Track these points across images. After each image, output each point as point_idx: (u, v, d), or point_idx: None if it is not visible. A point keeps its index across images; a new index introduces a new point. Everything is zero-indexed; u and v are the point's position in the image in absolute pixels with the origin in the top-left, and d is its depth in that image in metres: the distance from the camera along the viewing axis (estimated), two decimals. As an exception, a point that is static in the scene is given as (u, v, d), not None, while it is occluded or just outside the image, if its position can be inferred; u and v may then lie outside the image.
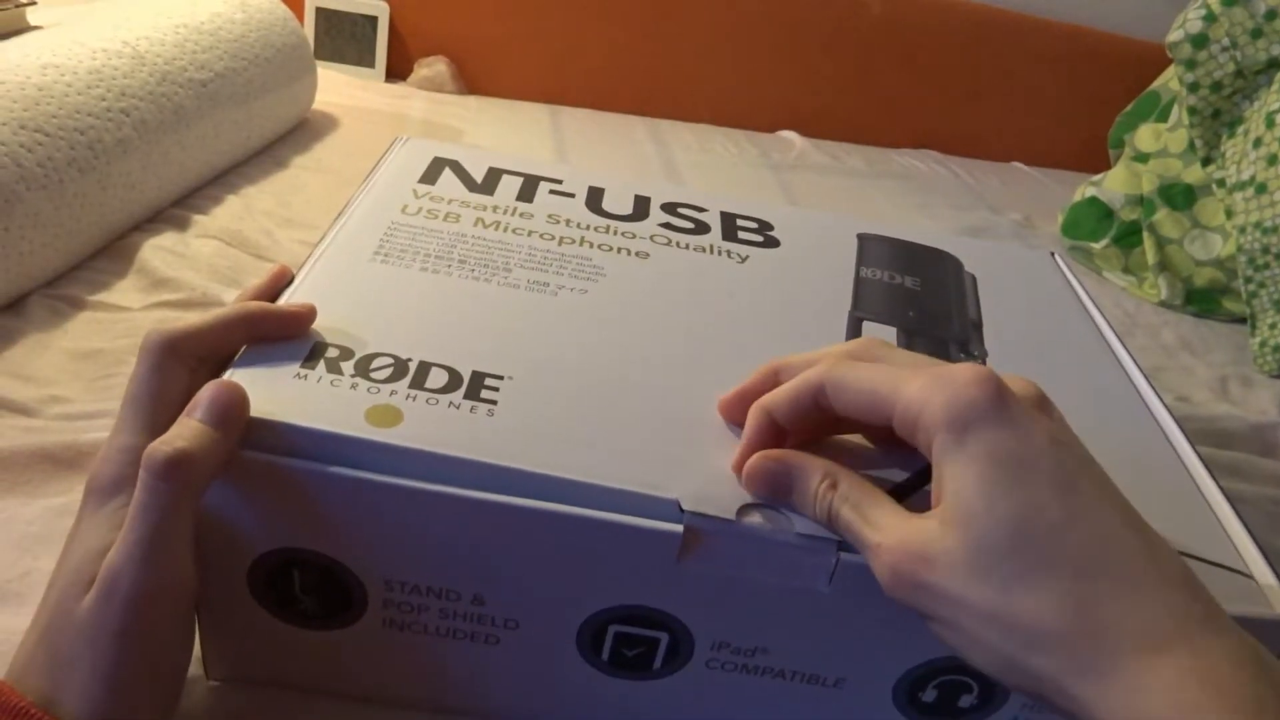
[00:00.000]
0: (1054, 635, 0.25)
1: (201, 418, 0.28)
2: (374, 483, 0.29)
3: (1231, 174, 0.87)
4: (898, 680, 0.34)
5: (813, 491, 0.30)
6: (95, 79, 0.63)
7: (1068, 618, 0.25)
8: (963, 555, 0.26)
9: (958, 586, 0.26)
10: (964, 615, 0.26)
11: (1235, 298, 0.89)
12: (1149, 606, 0.25)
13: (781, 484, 0.30)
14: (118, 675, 0.27)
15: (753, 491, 0.31)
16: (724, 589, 0.31)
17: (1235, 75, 0.89)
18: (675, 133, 1.15)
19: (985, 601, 0.25)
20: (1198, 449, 0.38)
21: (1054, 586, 0.25)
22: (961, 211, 1.05)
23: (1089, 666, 0.24)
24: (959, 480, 0.26)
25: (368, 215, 0.43)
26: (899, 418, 0.28)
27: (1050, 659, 0.25)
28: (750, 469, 0.31)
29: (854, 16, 1.22)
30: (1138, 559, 0.25)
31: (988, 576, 0.25)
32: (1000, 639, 0.25)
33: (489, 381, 0.33)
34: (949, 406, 0.27)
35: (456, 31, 1.16)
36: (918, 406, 0.28)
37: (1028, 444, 0.26)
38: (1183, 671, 0.23)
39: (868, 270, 0.47)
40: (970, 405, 0.27)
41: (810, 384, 0.30)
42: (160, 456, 0.27)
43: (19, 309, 0.56)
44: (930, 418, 0.27)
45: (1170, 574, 0.26)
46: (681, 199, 0.51)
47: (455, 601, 0.32)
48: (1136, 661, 0.24)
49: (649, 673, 0.34)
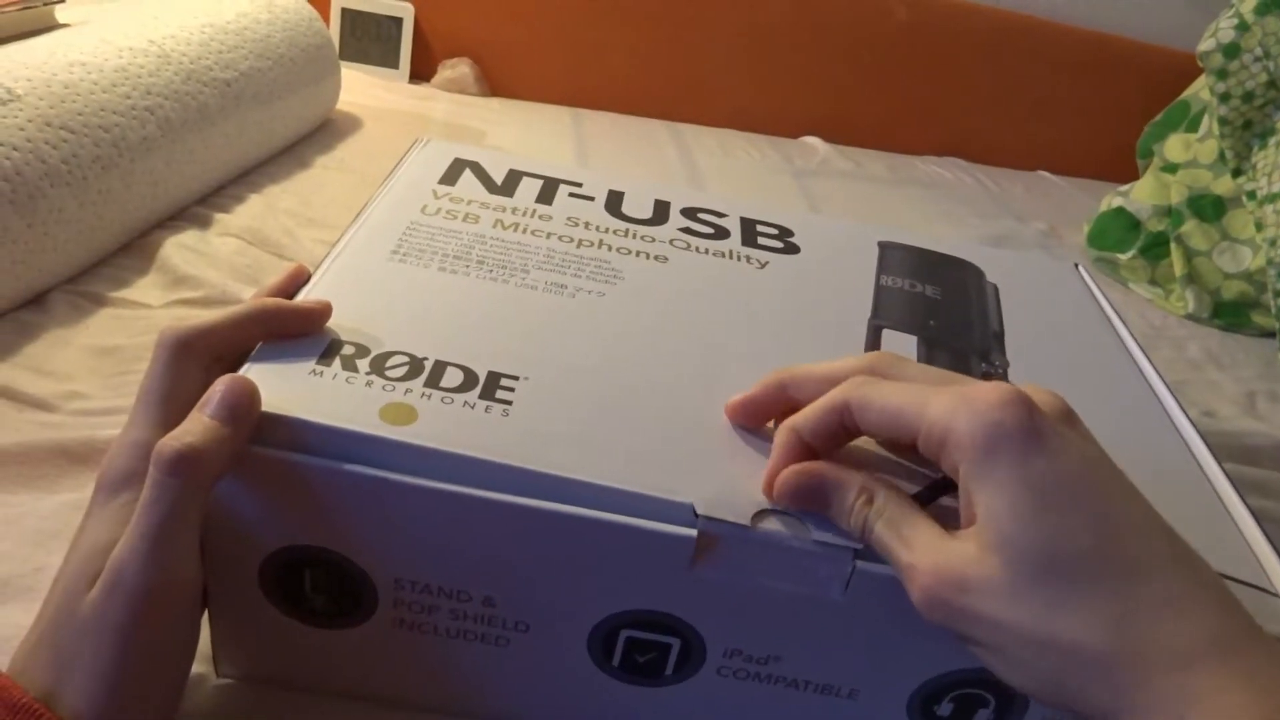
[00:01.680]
0: (1095, 656, 0.25)
1: (212, 413, 0.28)
2: (387, 481, 0.29)
3: (1262, 186, 0.86)
4: (913, 693, 0.33)
5: (849, 506, 0.29)
6: (121, 77, 0.63)
7: (1108, 638, 0.25)
8: (1001, 580, 0.26)
9: (996, 610, 0.26)
10: (1004, 639, 0.26)
11: (1264, 312, 0.88)
12: (1189, 620, 0.25)
13: (818, 497, 0.30)
14: (119, 671, 0.27)
15: (785, 506, 0.30)
16: (737, 595, 0.31)
17: (1268, 85, 0.88)
18: (698, 137, 1.15)
19: (1025, 625, 0.25)
20: (1224, 465, 0.38)
21: (1094, 607, 0.25)
22: (986, 220, 1.04)
23: (1133, 684, 0.24)
24: (993, 505, 0.26)
25: (387, 215, 0.43)
26: (924, 438, 0.28)
27: (1093, 680, 0.25)
28: (783, 482, 0.30)
29: (879, 22, 1.21)
30: (1174, 574, 0.26)
31: (1026, 600, 0.25)
32: (1042, 662, 0.26)
33: (504, 382, 0.33)
34: (977, 429, 0.27)
35: (481, 34, 1.17)
36: (943, 427, 0.27)
37: (1060, 467, 0.26)
38: (1227, 678, 0.23)
39: (888, 278, 0.46)
40: (999, 428, 0.27)
41: (836, 404, 0.30)
42: (169, 452, 0.27)
43: (41, 304, 0.56)
44: (957, 440, 0.27)
45: (1206, 585, 0.26)
46: (701, 204, 0.50)
47: (466, 602, 0.32)
48: (1181, 675, 0.24)
49: (660, 679, 0.33)
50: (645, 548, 0.30)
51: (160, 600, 0.27)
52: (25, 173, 0.53)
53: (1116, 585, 0.25)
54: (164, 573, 0.27)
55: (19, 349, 0.52)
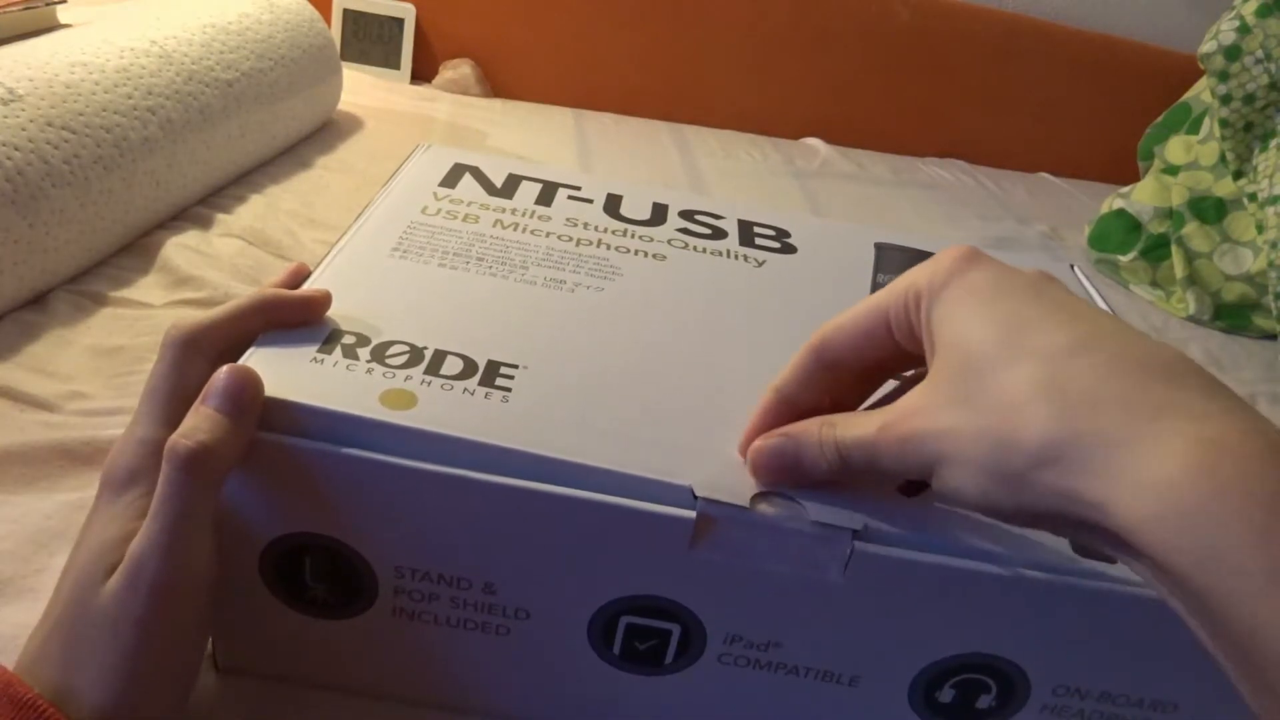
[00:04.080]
0: (1045, 431, 0.23)
1: (217, 406, 0.28)
2: (386, 464, 0.29)
3: (1263, 188, 0.86)
4: (914, 678, 0.33)
5: (815, 442, 0.29)
6: (123, 77, 0.63)
7: (1060, 415, 0.22)
8: (948, 385, 0.25)
9: (947, 417, 0.25)
10: (958, 445, 0.24)
11: (1265, 314, 0.88)
12: (1137, 377, 0.22)
13: (788, 454, 0.30)
14: (135, 664, 0.27)
15: (762, 479, 0.30)
16: (737, 579, 0.31)
17: (1269, 88, 0.88)
18: (700, 138, 1.15)
19: (974, 419, 0.24)
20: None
21: (1041, 389, 0.23)
22: (988, 222, 1.04)
23: (1091, 461, 0.22)
24: (940, 324, 0.26)
25: (388, 215, 0.44)
26: (895, 324, 0.28)
27: (1052, 467, 0.22)
28: (753, 454, 0.30)
29: (881, 23, 1.21)
30: (1124, 342, 0.24)
31: (974, 394, 0.24)
32: (997, 458, 0.23)
33: (504, 370, 0.34)
34: (929, 277, 0.27)
35: (482, 34, 1.17)
36: (903, 299, 0.27)
37: (1005, 275, 0.26)
38: (1188, 438, 0.21)
39: (885, 277, 0.47)
40: (947, 266, 0.27)
41: (809, 346, 0.30)
42: (182, 450, 0.27)
43: (43, 304, 0.56)
44: (916, 298, 0.27)
45: (1161, 354, 0.23)
46: (699, 206, 0.51)
47: (466, 590, 0.32)
48: (1141, 446, 0.21)
49: (660, 667, 0.33)
50: (644, 530, 0.30)
51: (179, 593, 0.27)
52: (27, 173, 0.53)
53: (1055, 354, 0.23)
54: (182, 566, 0.27)
55: (20, 349, 0.52)
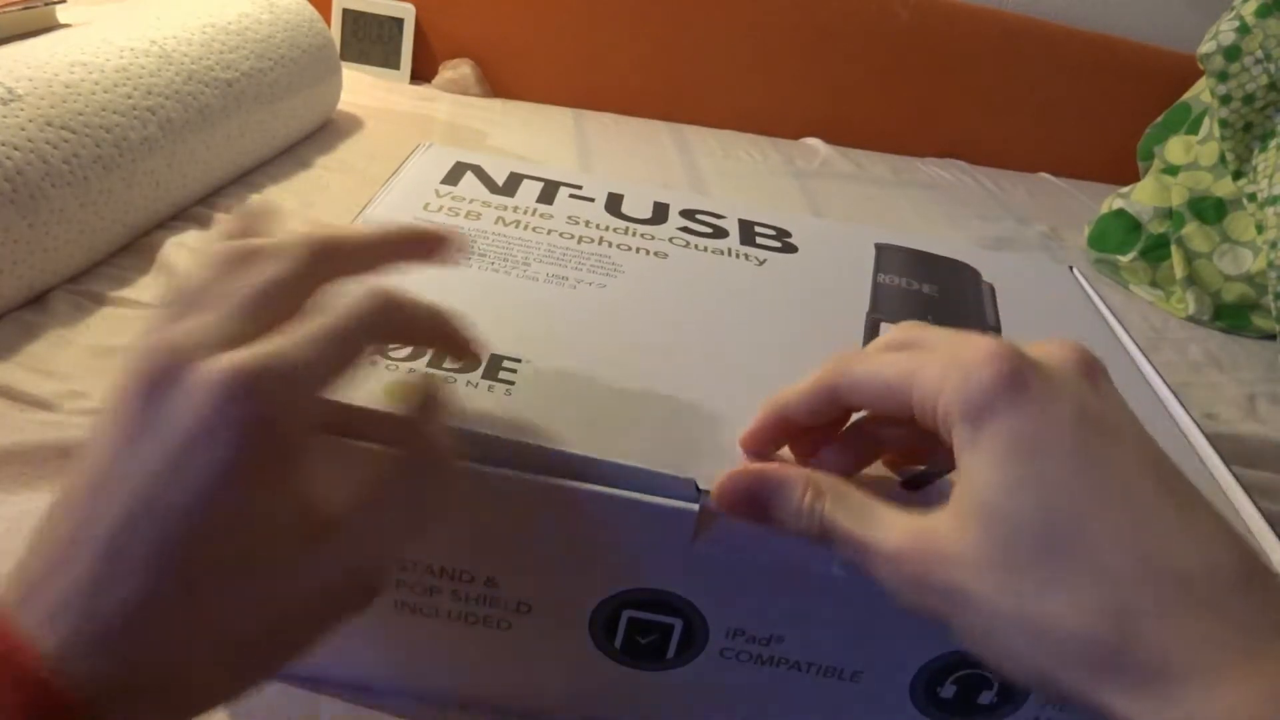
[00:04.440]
0: (1093, 648, 0.22)
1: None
2: (389, 456, 0.29)
3: (1263, 188, 0.86)
4: (915, 674, 0.33)
5: (795, 505, 0.27)
6: (122, 77, 0.63)
7: (1108, 629, 0.21)
8: (982, 552, 0.23)
9: (978, 586, 0.23)
10: (988, 620, 0.23)
11: (1265, 314, 0.88)
12: (1206, 617, 0.21)
13: (758, 499, 0.28)
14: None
15: (727, 512, 0.28)
16: (739, 573, 0.31)
17: (1269, 88, 0.88)
18: (700, 138, 1.15)
19: (1011, 604, 0.22)
20: (1231, 468, 0.38)
21: (1090, 591, 0.22)
22: (988, 222, 1.04)
23: (1138, 684, 0.21)
24: (974, 471, 0.24)
25: (388, 212, 0.44)
26: (918, 410, 0.26)
27: (1091, 674, 0.22)
28: (721, 488, 0.28)
29: (881, 23, 1.21)
30: (1186, 551, 0.22)
31: (1011, 575, 0.23)
32: (1031, 648, 0.23)
33: (507, 364, 0.34)
34: (963, 392, 0.24)
35: (482, 34, 1.17)
36: (933, 396, 0.25)
37: (1047, 421, 0.23)
38: (1250, 692, 0.20)
39: (885, 276, 0.47)
40: (983, 388, 0.24)
41: (823, 385, 0.28)
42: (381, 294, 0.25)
43: (42, 304, 0.56)
44: (946, 408, 0.24)
45: (1224, 568, 0.22)
46: (700, 206, 0.51)
47: (468, 583, 0.32)
48: (1196, 681, 0.21)
49: (662, 662, 0.33)
50: (647, 523, 0.30)
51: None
52: (26, 173, 0.53)
53: (1116, 566, 0.22)
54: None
55: (20, 348, 0.52)
